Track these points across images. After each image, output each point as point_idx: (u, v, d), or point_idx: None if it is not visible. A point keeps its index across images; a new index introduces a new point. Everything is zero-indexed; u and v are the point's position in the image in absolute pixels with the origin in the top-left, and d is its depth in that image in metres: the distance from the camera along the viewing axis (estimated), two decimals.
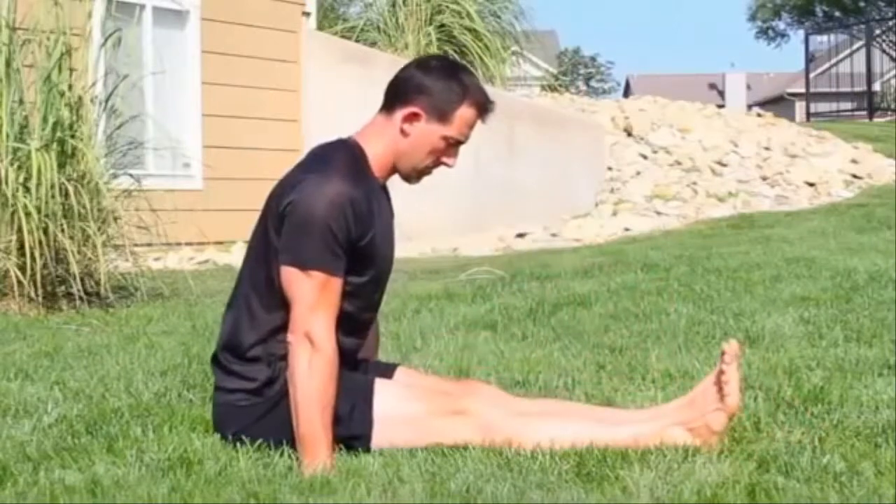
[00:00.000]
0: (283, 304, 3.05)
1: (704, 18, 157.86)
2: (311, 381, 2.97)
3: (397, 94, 3.16)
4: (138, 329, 5.38)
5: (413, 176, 3.21)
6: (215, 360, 3.22)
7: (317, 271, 3.00)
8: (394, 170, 3.20)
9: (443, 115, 3.12)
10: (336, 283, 3.02)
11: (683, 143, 12.89)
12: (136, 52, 8.13)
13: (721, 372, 3.03)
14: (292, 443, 3.02)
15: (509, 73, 13.75)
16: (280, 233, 3.05)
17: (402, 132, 3.14)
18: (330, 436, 2.98)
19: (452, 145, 3.16)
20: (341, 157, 3.13)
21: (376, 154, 3.16)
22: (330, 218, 2.98)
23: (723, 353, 3.03)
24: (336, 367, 3.01)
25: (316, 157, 3.18)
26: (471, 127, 3.18)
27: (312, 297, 3.00)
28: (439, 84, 3.13)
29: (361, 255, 3.07)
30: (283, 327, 3.05)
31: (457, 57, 12.53)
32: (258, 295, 3.12)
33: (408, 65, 3.23)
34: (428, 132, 3.13)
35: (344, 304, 3.07)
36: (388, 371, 3.32)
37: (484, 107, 3.17)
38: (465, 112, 3.14)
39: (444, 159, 3.18)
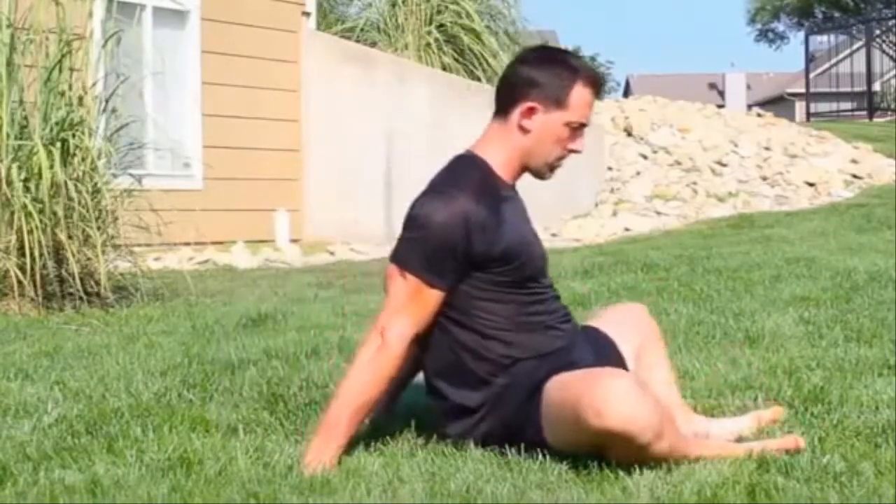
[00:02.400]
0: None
1: (704, 18, 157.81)
2: (364, 374, 3.00)
3: (508, 95, 3.14)
4: (138, 329, 5.37)
5: (546, 171, 3.18)
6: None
7: (413, 276, 3.01)
8: (522, 171, 3.18)
9: (559, 102, 3.10)
10: (432, 296, 3.02)
11: (683, 143, 12.89)
12: (137, 53, 8.14)
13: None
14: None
15: None
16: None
17: (523, 129, 3.11)
18: (350, 434, 2.98)
19: (576, 129, 3.14)
20: (466, 173, 3.10)
21: (500, 161, 3.13)
22: (443, 231, 2.98)
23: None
24: (394, 372, 3.02)
25: (441, 176, 3.14)
26: (589, 106, 3.15)
27: (401, 298, 3.02)
28: (546, 72, 3.11)
29: (505, 261, 3.05)
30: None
31: (457, 56, 12.54)
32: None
33: (509, 65, 3.21)
34: (549, 122, 3.11)
35: (522, 298, 3.08)
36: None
37: (596, 82, 3.15)
38: (579, 92, 3.11)
39: (571, 146, 3.15)
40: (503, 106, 3.15)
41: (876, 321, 4.82)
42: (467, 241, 2.99)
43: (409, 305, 3.01)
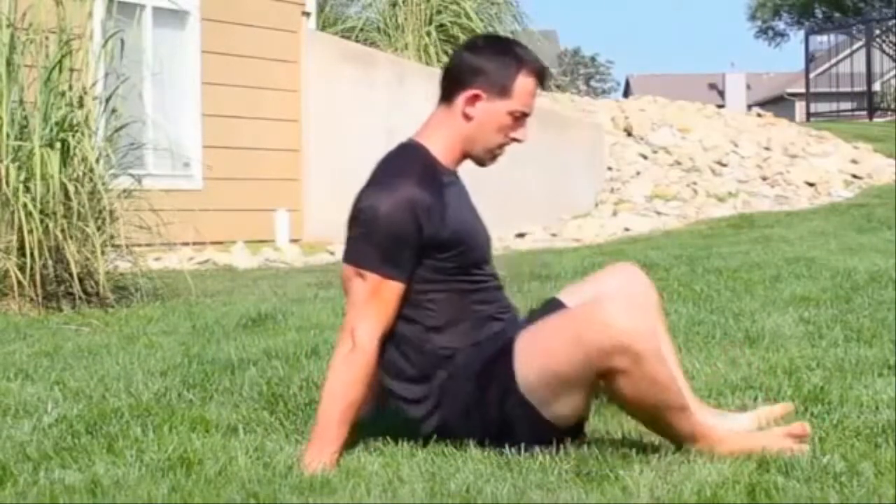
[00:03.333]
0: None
1: (704, 18, 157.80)
2: (342, 376, 3.00)
3: (454, 82, 3.15)
4: (138, 329, 5.37)
5: (487, 158, 3.20)
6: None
7: (370, 273, 3.02)
8: (463, 158, 3.19)
9: (504, 91, 3.11)
10: (392, 288, 3.03)
11: (683, 143, 12.89)
12: (137, 53, 8.13)
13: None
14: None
15: None
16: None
17: (466, 116, 3.12)
18: (343, 435, 2.99)
19: (519, 119, 3.15)
20: (407, 161, 3.12)
21: (442, 148, 3.15)
22: (391, 223, 2.99)
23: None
24: (370, 370, 3.02)
25: (382, 167, 3.15)
26: (533, 96, 3.16)
27: (363, 297, 3.02)
28: (492, 61, 3.12)
29: (450, 247, 3.06)
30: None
31: None
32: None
33: (456, 52, 3.22)
34: (492, 110, 3.12)
35: (465, 286, 3.09)
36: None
37: (541, 73, 3.17)
38: (523, 82, 3.12)
39: (514, 134, 3.16)
40: (448, 93, 3.16)
41: (876, 321, 4.82)
42: (417, 226, 3.00)
43: (373, 303, 3.02)
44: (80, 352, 4.70)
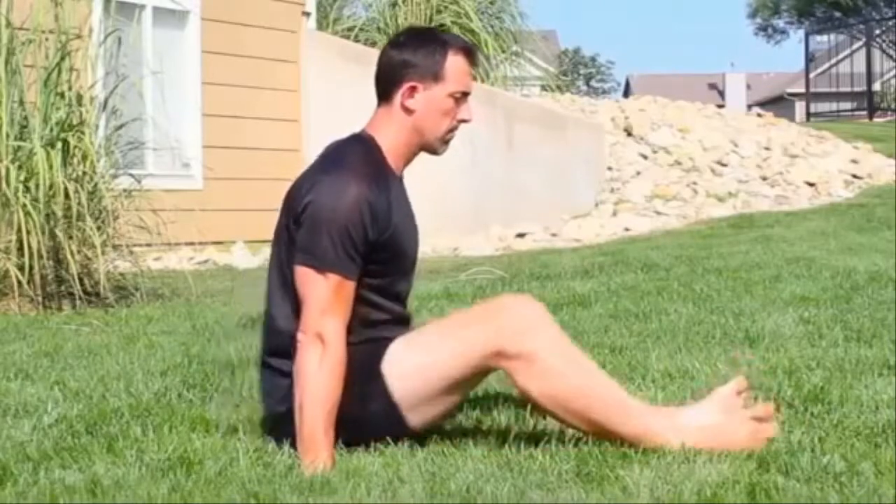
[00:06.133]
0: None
1: (704, 18, 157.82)
2: (320, 381, 2.97)
3: (388, 81, 3.18)
4: (138, 329, 5.37)
5: (439, 145, 3.21)
6: (266, 365, 3.18)
7: (333, 273, 3.00)
8: (412, 154, 3.21)
9: (436, 76, 3.14)
10: (350, 287, 3.03)
11: (683, 143, 12.89)
12: (137, 53, 8.13)
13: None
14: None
15: (509, 73, 13.74)
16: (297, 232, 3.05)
17: (407, 110, 3.14)
18: (332, 437, 2.98)
19: (459, 99, 3.18)
20: (357, 154, 3.13)
21: (390, 144, 3.16)
22: (348, 221, 2.99)
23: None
24: (344, 369, 3.00)
25: (331, 156, 3.18)
26: (467, 74, 3.20)
27: (326, 298, 3.00)
28: (418, 51, 3.16)
29: (384, 250, 3.07)
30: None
31: None
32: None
33: (381, 53, 3.23)
34: (432, 97, 3.14)
35: (374, 298, 3.08)
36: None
37: (467, 49, 3.21)
38: (453, 62, 3.16)
39: (460, 116, 3.19)
40: (385, 93, 3.18)
41: (876, 321, 4.82)
42: (366, 225, 3.01)
43: (335, 303, 3.00)
44: (80, 352, 4.70)
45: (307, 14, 10.80)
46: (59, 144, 6.16)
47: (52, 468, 2.95)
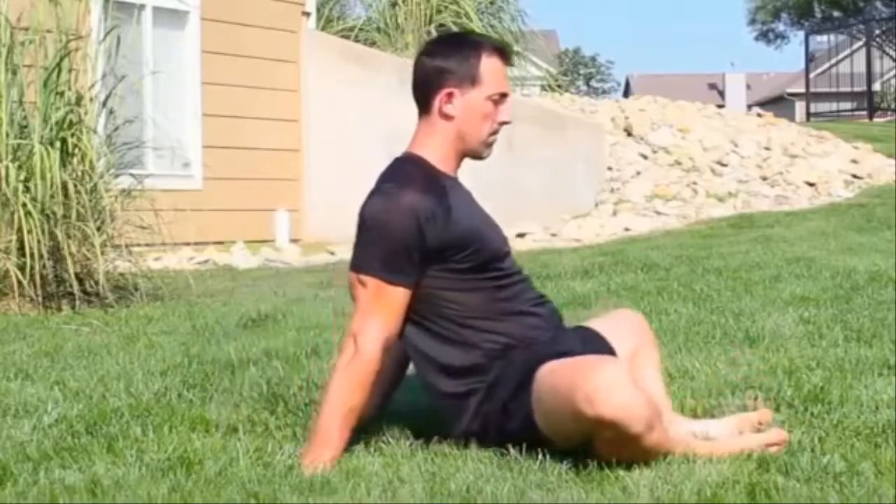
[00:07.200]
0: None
1: (704, 18, 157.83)
2: (343, 380, 3.01)
3: (425, 90, 3.18)
4: (138, 329, 5.37)
5: (483, 149, 3.21)
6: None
7: (371, 278, 3.03)
8: (461, 158, 3.21)
9: (473, 80, 3.14)
10: (394, 293, 3.04)
11: (683, 143, 12.89)
12: (136, 52, 8.14)
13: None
14: None
15: (509, 73, 13.74)
16: None
17: (447, 117, 3.14)
18: (344, 440, 2.99)
19: (498, 101, 3.18)
20: (405, 169, 3.15)
21: (436, 155, 3.17)
22: (393, 227, 3.01)
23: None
24: (373, 375, 3.02)
25: (384, 178, 3.17)
26: (503, 74, 3.20)
27: (366, 302, 3.04)
28: (452, 57, 3.15)
29: (461, 248, 3.08)
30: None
31: None
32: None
33: (415, 63, 3.23)
34: (471, 102, 3.15)
35: (486, 284, 3.10)
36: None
37: (501, 49, 3.20)
38: (488, 64, 3.15)
39: (500, 118, 3.19)
40: (424, 103, 3.19)
41: (876, 321, 4.82)
42: (420, 233, 3.02)
43: (376, 308, 3.03)
44: (80, 352, 4.70)
45: (307, 14, 10.80)
46: (59, 144, 6.16)
47: (52, 468, 2.95)
